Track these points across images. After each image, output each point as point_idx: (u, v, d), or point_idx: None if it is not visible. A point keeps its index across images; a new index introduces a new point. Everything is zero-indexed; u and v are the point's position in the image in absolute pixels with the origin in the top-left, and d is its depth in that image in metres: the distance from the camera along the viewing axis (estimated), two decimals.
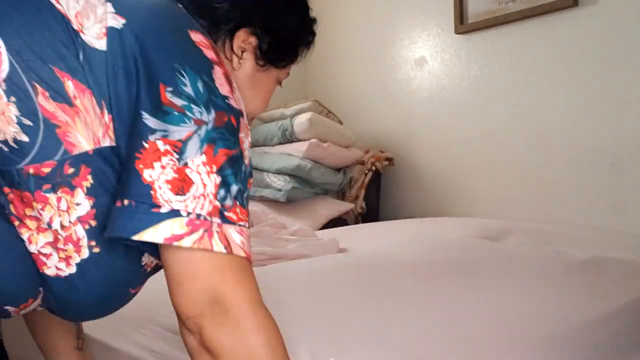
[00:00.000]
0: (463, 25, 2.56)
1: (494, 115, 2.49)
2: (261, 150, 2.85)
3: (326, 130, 2.69)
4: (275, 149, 2.78)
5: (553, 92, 2.27)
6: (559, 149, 2.26)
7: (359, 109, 3.13)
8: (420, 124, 2.82)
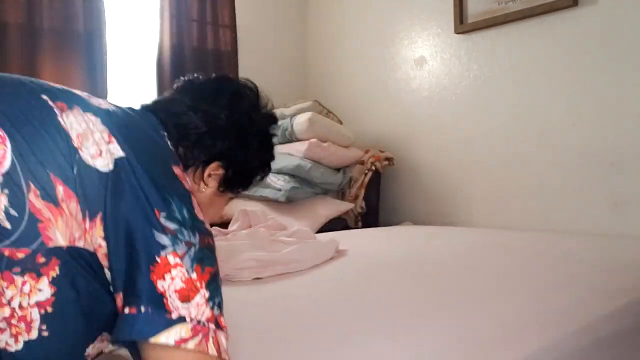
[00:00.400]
0: (463, 25, 2.56)
1: (493, 115, 2.49)
2: None
3: (326, 131, 2.69)
4: (275, 149, 2.76)
5: (553, 92, 2.27)
6: (559, 148, 2.26)
7: (359, 109, 3.13)
8: (420, 124, 2.82)
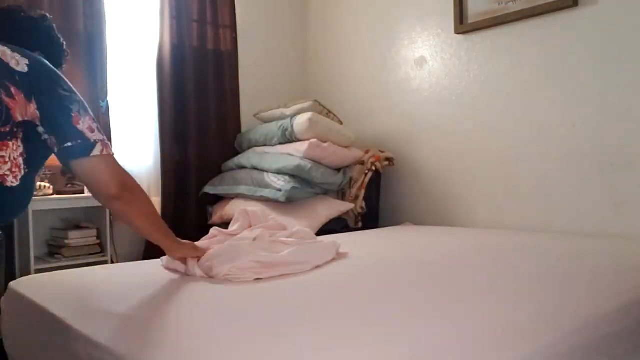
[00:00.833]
0: (463, 25, 2.56)
1: (493, 114, 2.49)
2: (261, 150, 2.85)
3: (326, 130, 2.69)
4: (276, 149, 2.77)
5: (553, 92, 2.27)
6: (559, 148, 2.26)
7: (359, 109, 3.14)
8: (420, 124, 2.82)
